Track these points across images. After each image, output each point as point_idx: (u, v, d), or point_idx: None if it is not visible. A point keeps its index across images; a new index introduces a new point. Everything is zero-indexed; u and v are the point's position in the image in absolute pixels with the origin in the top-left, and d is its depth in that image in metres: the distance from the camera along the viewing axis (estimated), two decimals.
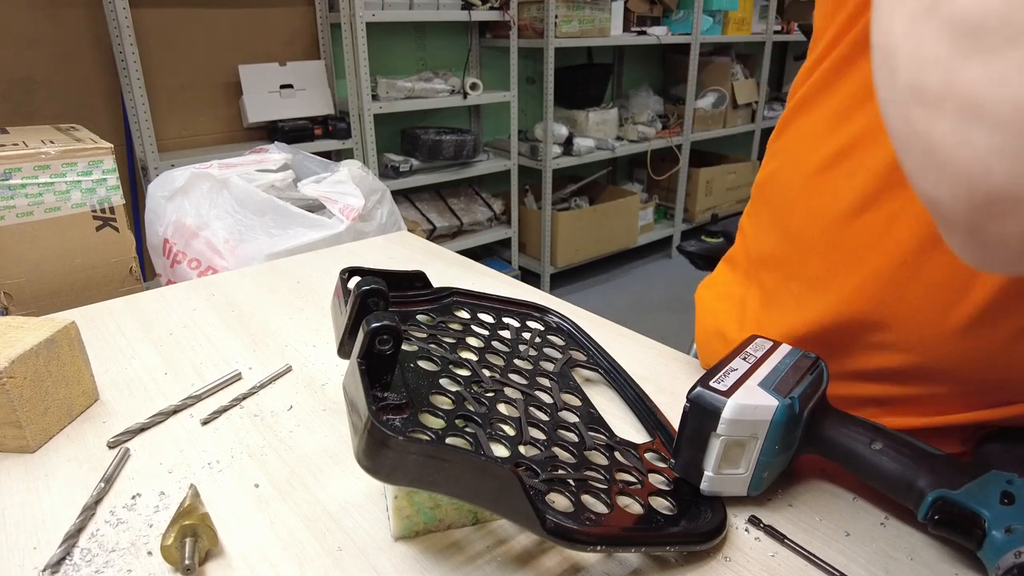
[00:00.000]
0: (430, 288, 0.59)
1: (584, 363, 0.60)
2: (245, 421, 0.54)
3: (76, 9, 2.14)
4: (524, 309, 0.65)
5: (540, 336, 0.61)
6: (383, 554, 0.41)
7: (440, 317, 0.57)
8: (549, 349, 0.60)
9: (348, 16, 2.51)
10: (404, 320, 0.55)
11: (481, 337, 0.56)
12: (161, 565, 0.40)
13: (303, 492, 0.46)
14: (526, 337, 0.60)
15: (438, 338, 0.52)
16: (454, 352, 0.51)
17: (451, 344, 0.52)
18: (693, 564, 0.40)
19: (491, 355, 0.54)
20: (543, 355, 0.58)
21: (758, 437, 0.41)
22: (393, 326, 0.39)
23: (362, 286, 0.46)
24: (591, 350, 0.63)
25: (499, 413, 0.45)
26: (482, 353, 0.53)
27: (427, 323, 0.56)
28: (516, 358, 0.55)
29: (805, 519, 0.43)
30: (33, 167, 0.86)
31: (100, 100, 2.25)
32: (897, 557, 0.40)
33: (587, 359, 0.61)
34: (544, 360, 0.57)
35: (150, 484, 0.47)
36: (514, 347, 0.57)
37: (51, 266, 0.90)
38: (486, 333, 0.57)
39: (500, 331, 0.58)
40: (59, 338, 0.54)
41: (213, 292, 0.80)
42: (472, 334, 0.56)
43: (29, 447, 0.51)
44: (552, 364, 0.57)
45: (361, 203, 1.41)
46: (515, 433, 0.43)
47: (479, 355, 0.52)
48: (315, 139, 2.53)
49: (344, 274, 0.54)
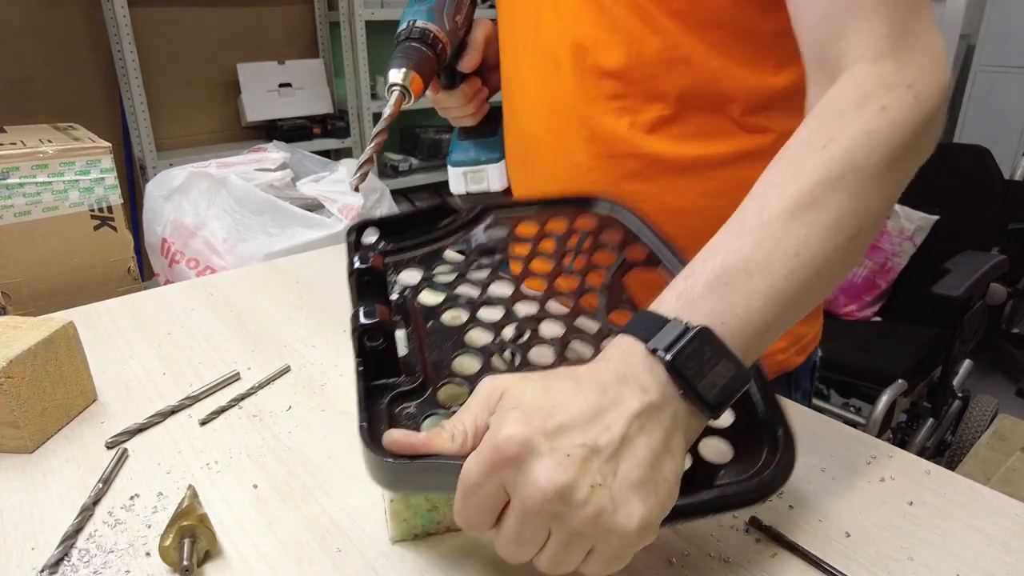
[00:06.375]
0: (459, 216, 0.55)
1: (642, 262, 0.52)
2: (244, 422, 0.54)
3: (74, 8, 2.13)
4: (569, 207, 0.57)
5: (592, 237, 0.54)
6: (382, 555, 0.41)
7: (475, 245, 0.53)
8: (601, 252, 0.52)
9: (347, 14, 2.50)
10: (429, 264, 0.51)
11: (520, 259, 0.51)
12: (159, 566, 0.40)
13: (302, 493, 0.46)
14: (572, 245, 0.53)
15: (468, 276, 0.49)
16: (485, 291, 0.48)
17: (483, 280, 0.49)
18: (693, 564, 0.40)
19: (530, 280, 0.50)
20: (591, 265, 0.51)
21: None
22: (374, 326, 0.39)
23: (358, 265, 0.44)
24: (651, 240, 0.53)
25: (529, 364, 0.43)
26: (519, 281, 0.49)
27: (456, 261, 0.52)
28: (560, 276, 0.50)
29: (805, 520, 0.43)
30: (31, 166, 0.86)
31: (98, 99, 2.25)
32: (897, 558, 0.40)
33: (647, 256, 0.52)
34: (593, 271, 0.50)
35: (148, 485, 0.47)
36: (558, 262, 0.51)
37: (49, 266, 0.90)
38: (525, 253, 0.52)
39: (542, 244, 0.53)
40: (57, 338, 0.53)
41: (211, 292, 0.80)
42: (510, 258, 0.52)
43: (27, 447, 0.50)
44: (603, 274, 0.50)
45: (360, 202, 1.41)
46: None
47: (515, 285, 0.48)
48: (314, 138, 2.52)
49: (351, 234, 0.51)
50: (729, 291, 0.36)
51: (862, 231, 0.39)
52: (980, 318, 1.72)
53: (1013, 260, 1.70)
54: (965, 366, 1.83)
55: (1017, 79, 2.84)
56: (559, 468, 0.31)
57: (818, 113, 0.42)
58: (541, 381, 0.34)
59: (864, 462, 0.49)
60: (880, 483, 0.46)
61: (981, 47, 2.92)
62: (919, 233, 1.87)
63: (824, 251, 0.37)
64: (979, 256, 1.61)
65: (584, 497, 0.31)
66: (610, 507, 0.31)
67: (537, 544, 0.32)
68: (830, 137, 0.39)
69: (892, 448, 0.50)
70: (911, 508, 0.44)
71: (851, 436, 0.52)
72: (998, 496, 0.45)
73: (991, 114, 2.93)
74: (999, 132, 2.87)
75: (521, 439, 0.31)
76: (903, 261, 1.89)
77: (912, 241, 1.88)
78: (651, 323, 0.36)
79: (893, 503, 0.44)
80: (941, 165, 1.86)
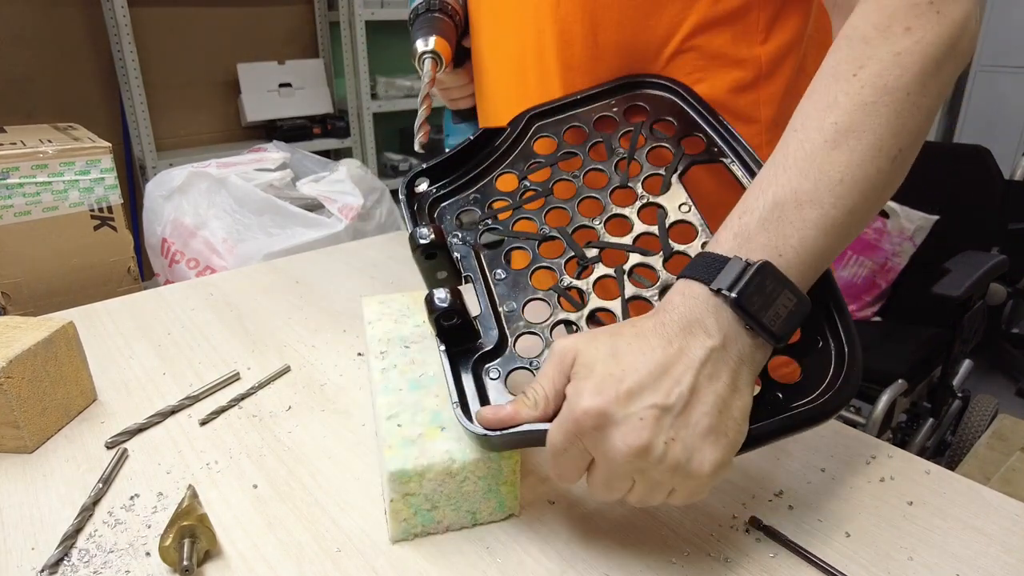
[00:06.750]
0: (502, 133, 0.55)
1: (702, 155, 0.50)
2: (243, 421, 0.54)
3: (74, 8, 2.13)
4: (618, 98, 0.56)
5: (645, 132, 0.52)
6: (382, 555, 0.41)
7: (525, 166, 0.53)
8: (656, 151, 0.51)
9: (347, 14, 2.50)
10: (486, 198, 0.52)
11: (571, 178, 0.51)
12: (159, 566, 0.40)
13: (302, 493, 0.46)
14: (624, 147, 0.52)
15: (524, 205, 0.50)
16: (543, 218, 0.49)
17: (538, 211, 0.50)
18: (693, 565, 0.40)
19: (587, 201, 0.50)
20: (649, 169, 0.50)
21: None
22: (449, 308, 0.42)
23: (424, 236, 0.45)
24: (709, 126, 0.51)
25: (598, 302, 0.45)
26: (574, 203, 0.50)
27: (510, 191, 0.52)
28: (616, 189, 0.50)
29: (805, 520, 0.43)
30: (31, 166, 0.86)
31: (98, 99, 2.25)
32: (897, 558, 0.40)
33: (705, 147, 0.50)
34: (651, 177, 0.50)
35: (148, 485, 0.47)
36: (612, 172, 0.51)
37: (49, 266, 0.90)
38: (576, 171, 0.52)
39: (592, 151, 0.53)
40: (57, 338, 0.53)
41: (211, 292, 0.80)
42: (562, 176, 0.52)
43: (27, 447, 0.50)
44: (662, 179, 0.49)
45: (360, 202, 1.41)
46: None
47: (571, 208, 0.50)
48: (314, 138, 2.52)
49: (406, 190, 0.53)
50: (783, 224, 0.37)
51: (903, 151, 0.39)
52: (980, 318, 1.72)
53: (1013, 260, 1.70)
54: (965, 366, 1.83)
55: (1017, 79, 2.84)
56: (634, 432, 0.34)
57: (841, 43, 0.41)
58: (609, 342, 0.37)
59: (864, 462, 0.49)
60: (880, 483, 0.46)
61: (981, 47, 2.92)
62: (919, 233, 1.87)
63: (867, 175, 0.38)
64: (979, 256, 1.61)
65: (660, 453, 0.34)
66: (684, 457, 0.34)
67: (624, 490, 0.37)
68: (859, 64, 0.39)
69: (892, 448, 0.50)
70: (911, 508, 0.44)
71: (851, 436, 0.52)
72: (998, 496, 0.45)
73: (991, 114, 2.93)
74: (999, 132, 2.87)
75: (597, 411, 0.35)
76: (903, 261, 1.89)
77: (912, 241, 1.88)
78: (712, 264, 0.37)
79: (893, 503, 0.44)
80: (941, 165, 1.87)
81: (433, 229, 0.46)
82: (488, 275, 0.48)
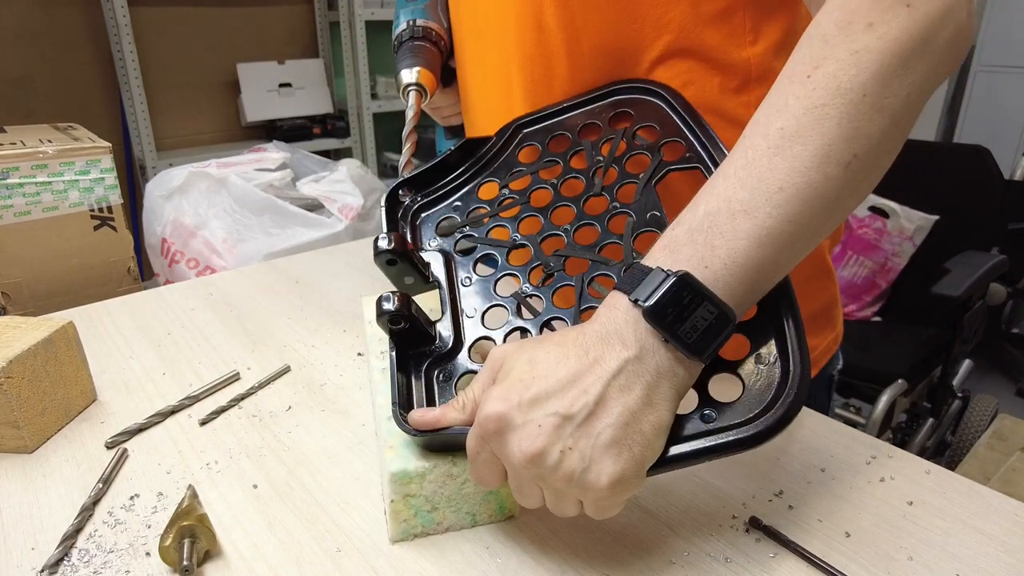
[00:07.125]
0: (488, 142, 0.56)
1: (678, 163, 0.49)
2: (243, 421, 0.54)
3: (74, 7, 2.13)
4: (604, 104, 0.55)
5: (627, 139, 0.52)
6: (382, 555, 0.41)
7: (507, 174, 0.53)
8: (635, 158, 0.50)
9: (347, 14, 2.50)
10: (467, 206, 0.53)
11: (548, 186, 0.51)
12: (159, 566, 0.40)
13: (302, 493, 0.46)
14: (604, 153, 0.52)
15: (501, 213, 0.50)
16: (517, 226, 0.50)
17: (513, 218, 0.51)
18: (693, 565, 0.40)
19: (560, 209, 0.50)
20: (625, 176, 0.50)
21: None
22: (396, 312, 0.42)
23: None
24: (691, 132, 0.49)
25: (554, 310, 0.45)
26: (548, 211, 0.50)
27: (489, 199, 0.53)
28: (591, 198, 0.49)
29: (805, 520, 0.43)
30: (31, 166, 0.86)
31: (98, 99, 2.25)
32: (897, 558, 0.40)
33: (684, 153, 0.49)
34: (626, 184, 0.49)
35: (148, 485, 0.47)
36: (589, 180, 0.50)
37: (49, 266, 0.90)
38: (554, 179, 0.52)
39: (574, 156, 0.53)
40: (57, 338, 0.53)
41: (211, 292, 0.80)
42: (541, 184, 0.52)
43: (27, 447, 0.50)
44: (636, 187, 0.48)
45: (360, 202, 1.41)
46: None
47: (544, 216, 0.50)
48: (314, 138, 2.52)
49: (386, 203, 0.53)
50: (712, 234, 0.36)
51: (859, 156, 0.36)
52: (980, 318, 1.72)
53: (1013, 260, 1.70)
54: (965, 366, 1.83)
55: (1017, 79, 2.84)
56: (529, 438, 0.34)
57: (802, 42, 0.39)
58: (531, 349, 0.37)
59: (864, 462, 0.49)
60: (880, 483, 0.46)
61: (981, 47, 2.92)
62: (919, 233, 1.87)
63: (812, 183, 0.36)
64: (979, 256, 1.61)
65: (555, 461, 0.34)
66: (580, 467, 0.34)
67: (536, 497, 0.37)
68: (815, 65, 0.37)
69: (892, 448, 0.50)
70: (911, 508, 0.44)
71: (851, 436, 0.52)
72: (998, 496, 0.45)
73: (991, 114, 2.93)
74: (999, 132, 2.87)
75: (498, 415, 0.35)
76: (903, 261, 1.89)
77: (912, 241, 1.88)
78: (637, 276, 0.36)
79: (893, 503, 0.44)
80: (941, 165, 1.87)
81: (395, 238, 0.46)
82: (455, 281, 0.48)
